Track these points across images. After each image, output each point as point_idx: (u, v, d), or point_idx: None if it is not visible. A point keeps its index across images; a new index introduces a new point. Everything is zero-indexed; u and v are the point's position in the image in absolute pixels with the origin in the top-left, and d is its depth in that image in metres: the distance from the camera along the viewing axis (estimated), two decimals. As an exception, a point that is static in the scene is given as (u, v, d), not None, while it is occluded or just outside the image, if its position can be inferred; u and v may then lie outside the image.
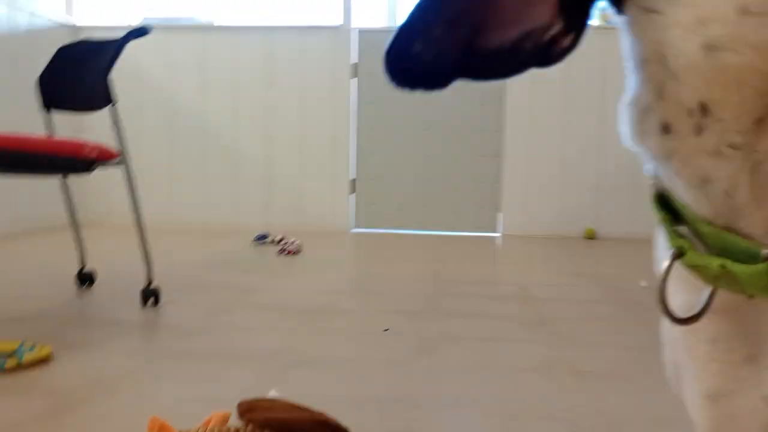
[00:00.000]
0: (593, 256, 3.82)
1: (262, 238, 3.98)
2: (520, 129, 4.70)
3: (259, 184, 4.84)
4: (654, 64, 0.39)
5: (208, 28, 4.92)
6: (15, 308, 2.25)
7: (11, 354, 1.64)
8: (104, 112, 2.29)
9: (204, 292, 2.57)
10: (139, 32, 2.27)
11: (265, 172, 4.83)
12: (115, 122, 2.25)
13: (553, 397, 1.48)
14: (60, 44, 2.55)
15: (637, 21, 0.39)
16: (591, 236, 4.57)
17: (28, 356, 1.62)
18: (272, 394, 1.37)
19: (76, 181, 3.15)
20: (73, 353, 1.74)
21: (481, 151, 4.77)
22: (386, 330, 2.04)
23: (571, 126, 4.67)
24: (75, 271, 2.62)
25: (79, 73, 2.40)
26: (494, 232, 4.76)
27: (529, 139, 4.69)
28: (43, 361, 1.65)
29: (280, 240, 3.83)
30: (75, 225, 2.64)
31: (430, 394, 1.49)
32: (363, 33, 4.81)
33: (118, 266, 3.02)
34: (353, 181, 4.84)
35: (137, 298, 2.31)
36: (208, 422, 1.11)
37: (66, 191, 2.60)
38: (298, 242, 3.73)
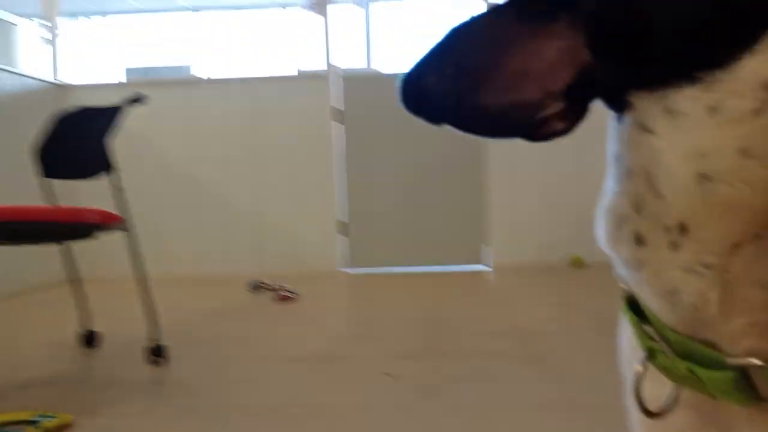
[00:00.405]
0: (582, 284, 3.92)
1: (257, 287, 4.03)
2: (502, 161, 4.82)
3: (249, 230, 4.91)
4: (638, 178, 0.40)
5: (193, 82, 5.03)
6: (21, 375, 2.29)
7: (30, 423, 1.69)
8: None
9: (207, 345, 2.63)
10: (136, 100, 2.36)
11: (254, 218, 4.90)
12: (117, 188, 2.32)
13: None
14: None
15: (631, 134, 0.40)
16: (579, 264, 4.67)
17: (47, 423, 1.67)
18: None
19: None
20: (88, 418, 1.79)
21: (467, 187, 4.89)
22: (388, 374, 2.11)
23: (552, 156, 4.80)
24: (77, 331, 2.67)
25: (77, 141, 2.47)
26: (482, 264, 4.85)
27: (512, 172, 4.81)
28: (65, 428, 1.70)
29: (277, 287, 3.88)
30: (77, 286, 2.70)
31: (438, 439, 1.56)
32: (347, 79, 4.94)
33: (121, 323, 3.07)
34: (344, 222, 4.93)
35: (143, 355, 2.36)
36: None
37: (67, 254, 2.66)
38: (293, 289, 3.78)
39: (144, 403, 1.95)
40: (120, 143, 2.51)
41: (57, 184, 2.63)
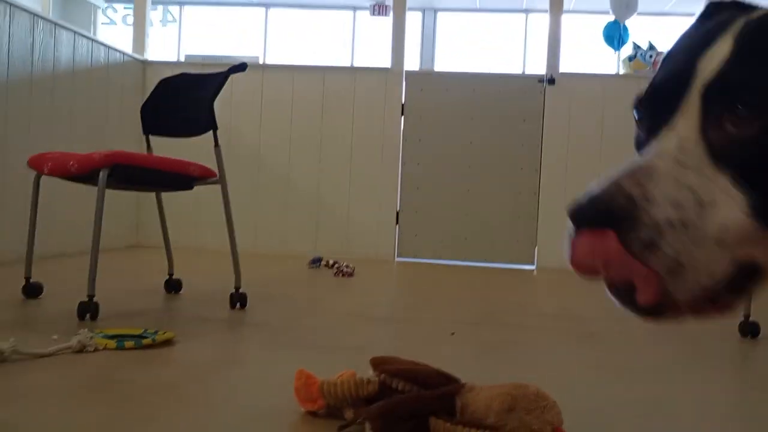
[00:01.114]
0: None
1: (316, 262, 4.26)
2: (557, 169, 4.98)
3: (309, 213, 5.14)
4: None
5: (266, 67, 5.29)
6: (121, 308, 2.53)
7: (142, 335, 1.92)
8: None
9: (279, 301, 2.85)
10: (239, 68, 2.59)
11: (315, 202, 5.14)
12: (216, 145, 2.56)
13: (603, 388, 1.73)
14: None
15: None
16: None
17: (159, 336, 1.90)
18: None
19: (146, 207, 3.46)
20: (188, 340, 2.01)
21: (520, 188, 5.05)
22: (453, 334, 2.30)
23: (605, 167, 4.93)
24: (162, 282, 2.90)
25: (181, 102, 2.72)
26: (530, 264, 5.01)
27: (565, 178, 4.97)
28: (170, 341, 1.93)
29: (334, 263, 4.10)
30: (165, 238, 2.94)
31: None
32: (409, 75, 5.15)
33: (197, 278, 3.31)
34: (397, 212, 5.13)
35: (224, 302, 2.58)
36: (341, 375, 1.38)
37: (160, 209, 2.90)
38: (352, 266, 4.00)
39: (229, 334, 2.17)
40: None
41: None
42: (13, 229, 3.68)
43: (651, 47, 6.42)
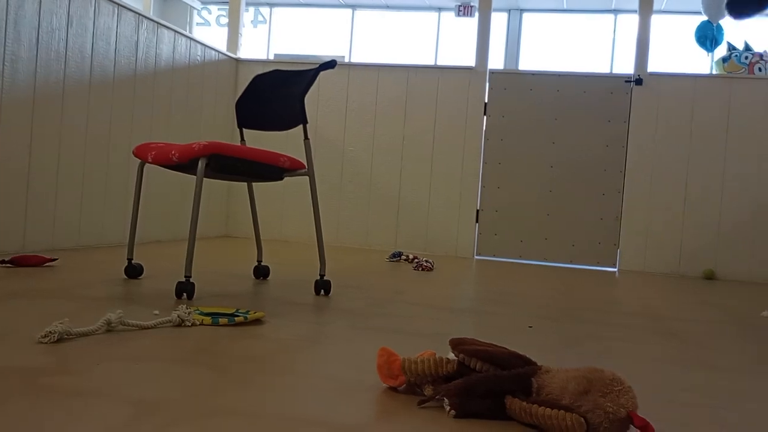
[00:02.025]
0: (714, 292, 3.97)
1: (396, 256, 4.35)
2: (642, 169, 4.90)
3: (389, 209, 5.24)
4: None
5: (352, 66, 5.42)
6: (214, 290, 2.68)
7: (234, 314, 2.04)
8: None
9: (362, 290, 2.94)
10: (329, 65, 2.70)
11: (396, 198, 5.23)
12: (306, 138, 2.67)
13: (679, 381, 1.74)
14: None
15: None
16: (710, 276, 4.68)
17: (251, 315, 2.02)
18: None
19: (218, 202, 3.63)
20: (276, 320, 2.13)
21: (603, 189, 5.00)
22: (531, 327, 2.33)
23: (693, 169, 4.83)
24: (251, 268, 3.05)
25: (273, 97, 2.85)
26: (612, 267, 4.95)
27: (651, 179, 4.88)
28: (259, 320, 2.04)
29: (414, 258, 4.18)
30: (255, 226, 3.08)
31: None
32: (493, 74, 5.18)
33: (283, 267, 3.44)
34: (477, 211, 5.16)
35: (309, 289, 2.70)
36: (422, 354, 1.45)
37: (251, 199, 3.04)
38: (431, 260, 4.07)
39: (315, 316, 2.27)
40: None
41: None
42: (116, 216, 3.93)
43: (747, 48, 6.21)
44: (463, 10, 9.79)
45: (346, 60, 9.58)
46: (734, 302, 3.54)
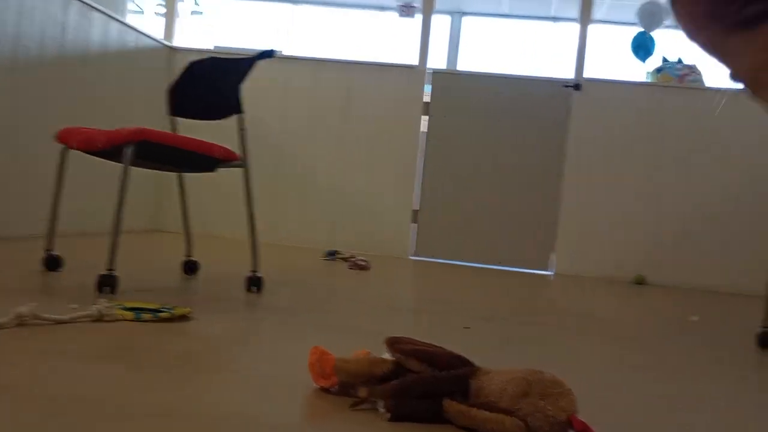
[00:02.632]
0: (644, 296, 4.03)
1: (332, 255, 4.27)
2: (579, 174, 4.96)
3: (327, 207, 5.15)
4: None
5: (292, 59, 5.31)
6: (139, 285, 2.55)
7: (159, 309, 1.93)
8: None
9: (294, 287, 2.86)
10: (268, 54, 2.61)
11: (334, 196, 5.15)
12: (242, 128, 2.57)
13: (618, 383, 1.72)
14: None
15: None
16: (640, 281, 4.77)
17: (177, 310, 1.92)
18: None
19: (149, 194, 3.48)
20: (204, 316, 2.02)
21: (541, 192, 5.04)
22: (467, 328, 2.29)
23: (628, 175, 4.91)
24: (179, 263, 2.92)
25: (208, 85, 2.74)
26: (548, 270, 4.99)
27: (587, 184, 4.94)
28: (186, 317, 1.94)
29: (350, 257, 4.11)
30: (185, 219, 2.96)
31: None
32: (436, 74, 5.16)
33: (214, 263, 3.33)
34: (415, 211, 5.13)
35: (240, 285, 2.60)
36: (356, 354, 1.38)
37: (181, 191, 2.92)
38: (367, 260, 4.01)
39: (245, 313, 2.18)
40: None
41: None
42: (37, 206, 3.73)
43: (680, 61, 6.38)
44: (406, 11, 9.80)
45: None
46: (663, 306, 3.60)
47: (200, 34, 10.58)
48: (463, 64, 9.52)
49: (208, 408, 1.17)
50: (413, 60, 5.13)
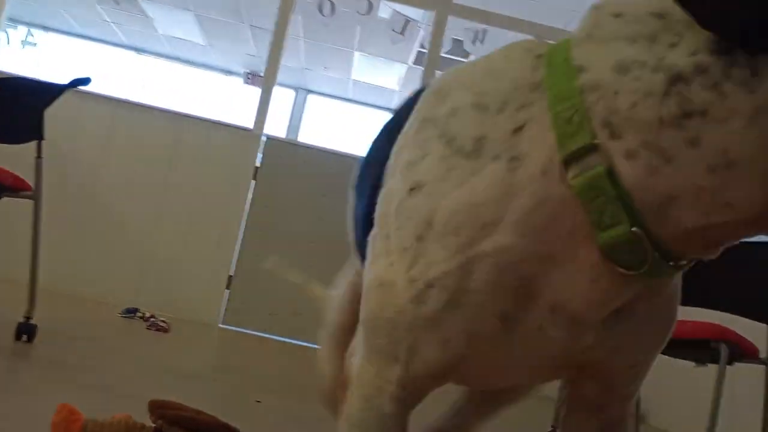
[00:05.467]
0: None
1: (131, 312, 3.95)
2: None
3: (136, 260, 4.80)
4: None
5: (120, 102, 5.02)
6: None
7: None
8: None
9: (75, 342, 2.56)
10: (83, 81, 2.40)
11: (145, 250, 4.81)
12: (38, 156, 2.32)
13: None
14: None
15: None
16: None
17: None
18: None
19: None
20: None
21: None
22: (259, 402, 2.14)
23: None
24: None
25: (12, 105, 2.46)
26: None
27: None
28: None
29: (150, 317, 3.82)
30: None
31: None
32: (269, 140, 5.09)
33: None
34: (230, 276, 4.92)
35: (9, 333, 2.27)
36: (116, 417, 1.19)
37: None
38: (168, 321, 3.74)
39: (5, 363, 1.89)
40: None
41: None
42: None
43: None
44: (251, 79, 9.79)
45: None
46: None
47: (29, 64, 9.90)
48: (304, 137, 9.60)
49: None
50: (251, 123, 5.04)
